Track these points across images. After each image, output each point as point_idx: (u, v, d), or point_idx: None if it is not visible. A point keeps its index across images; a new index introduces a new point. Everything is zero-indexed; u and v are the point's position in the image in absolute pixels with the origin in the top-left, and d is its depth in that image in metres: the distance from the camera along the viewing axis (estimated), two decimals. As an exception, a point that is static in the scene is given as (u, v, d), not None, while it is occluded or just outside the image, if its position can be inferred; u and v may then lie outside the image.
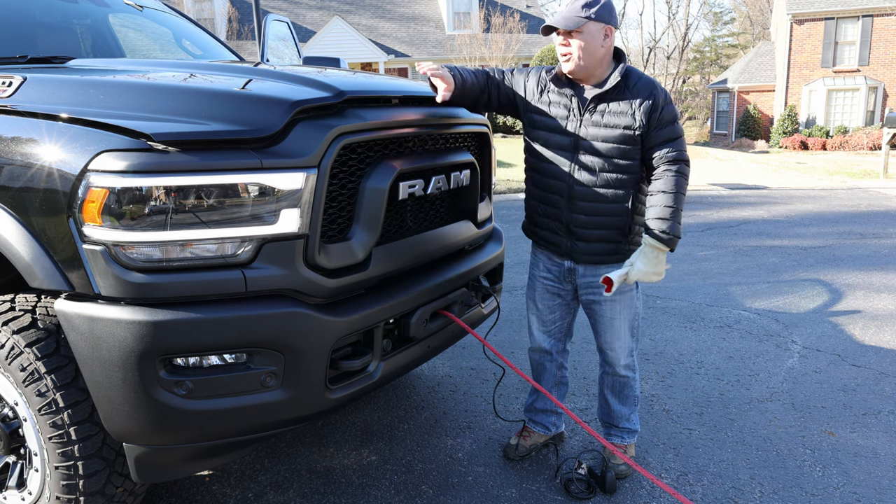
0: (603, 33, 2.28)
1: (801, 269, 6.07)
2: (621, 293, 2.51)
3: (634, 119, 2.30)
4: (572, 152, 2.40)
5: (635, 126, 2.30)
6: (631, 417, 2.72)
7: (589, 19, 2.24)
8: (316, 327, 1.94)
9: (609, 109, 2.33)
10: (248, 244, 1.85)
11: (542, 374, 2.79)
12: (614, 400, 2.69)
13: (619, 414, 2.70)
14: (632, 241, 2.47)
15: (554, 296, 2.65)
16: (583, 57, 2.29)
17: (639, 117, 2.29)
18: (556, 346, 2.74)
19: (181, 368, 1.85)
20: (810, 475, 2.69)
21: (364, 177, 2.11)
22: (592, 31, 2.26)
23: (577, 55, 2.29)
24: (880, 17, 23.66)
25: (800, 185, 13.08)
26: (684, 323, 4.56)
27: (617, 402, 2.69)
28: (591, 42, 2.27)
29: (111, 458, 1.99)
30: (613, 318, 2.55)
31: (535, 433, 2.82)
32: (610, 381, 2.68)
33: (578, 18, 2.24)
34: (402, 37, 26.48)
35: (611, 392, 2.69)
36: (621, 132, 2.32)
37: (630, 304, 2.55)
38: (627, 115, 2.31)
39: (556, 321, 2.70)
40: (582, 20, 2.24)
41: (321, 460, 2.83)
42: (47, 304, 2.00)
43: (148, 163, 1.74)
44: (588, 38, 2.26)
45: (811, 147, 23.63)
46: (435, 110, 2.48)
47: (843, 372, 3.70)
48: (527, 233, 2.70)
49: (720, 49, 49.01)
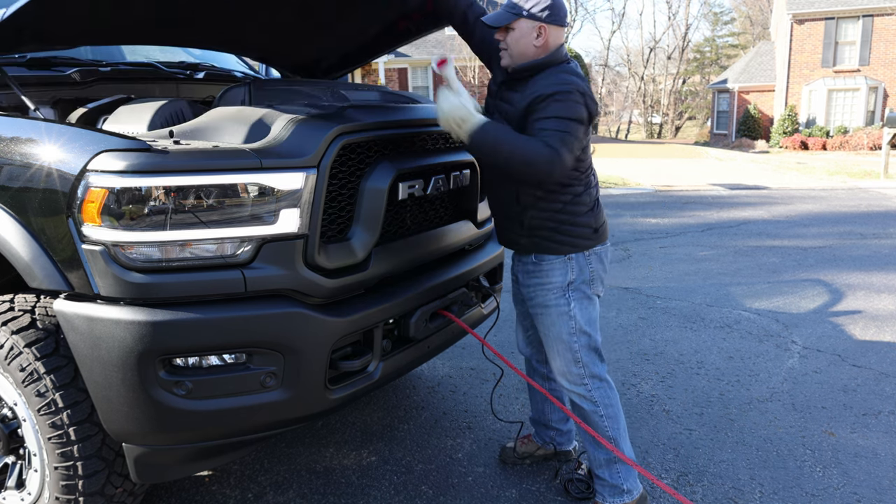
0: (536, 31, 2.18)
1: (802, 270, 6.07)
2: (545, 307, 2.30)
3: (512, 108, 2.19)
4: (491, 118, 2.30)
5: (511, 115, 2.19)
6: (610, 466, 2.34)
7: (519, 16, 2.17)
8: (316, 327, 1.93)
9: (505, 97, 2.26)
10: (248, 244, 1.85)
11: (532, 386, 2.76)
12: (585, 436, 2.39)
13: (593, 458, 2.38)
14: (534, 235, 2.27)
15: (522, 301, 2.56)
16: (514, 54, 2.22)
17: (517, 108, 2.18)
18: (535, 356, 2.66)
19: (181, 369, 1.84)
20: (810, 475, 2.69)
21: (364, 177, 2.11)
22: (525, 28, 2.18)
23: (509, 51, 2.22)
24: (880, 17, 23.66)
25: (800, 185, 13.08)
26: (684, 323, 4.56)
27: (588, 438, 2.37)
28: (522, 40, 2.19)
29: (110, 458, 1.99)
30: (545, 334, 2.35)
31: (532, 442, 2.79)
32: (576, 409, 2.41)
33: (509, 14, 2.18)
34: (402, 37, 26.44)
35: (580, 416, 2.39)
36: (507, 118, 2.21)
37: (556, 320, 2.29)
38: (510, 104, 2.22)
39: (529, 328, 2.63)
40: (512, 16, 2.18)
41: (321, 461, 2.82)
42: (46, 304, 2.00)
43: (147, 163, 1.73)
44: (519, 35, 2.18)
45: (811, 147, 23.64)
46: (434, 110, 2.47)
47: (844, 372, 3.70)
48: None
49: (720, 49, 49.04)
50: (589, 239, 2.29)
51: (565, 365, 2.34)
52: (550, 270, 2.29)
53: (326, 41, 3.17)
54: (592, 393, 2.34)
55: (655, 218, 9.10)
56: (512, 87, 2.25)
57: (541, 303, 2.33)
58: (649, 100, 49.46)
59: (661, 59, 48.93)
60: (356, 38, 3.15)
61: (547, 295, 2.30)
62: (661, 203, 10.59)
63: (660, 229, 8.22)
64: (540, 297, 2.32)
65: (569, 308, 2.29)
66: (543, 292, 2.31)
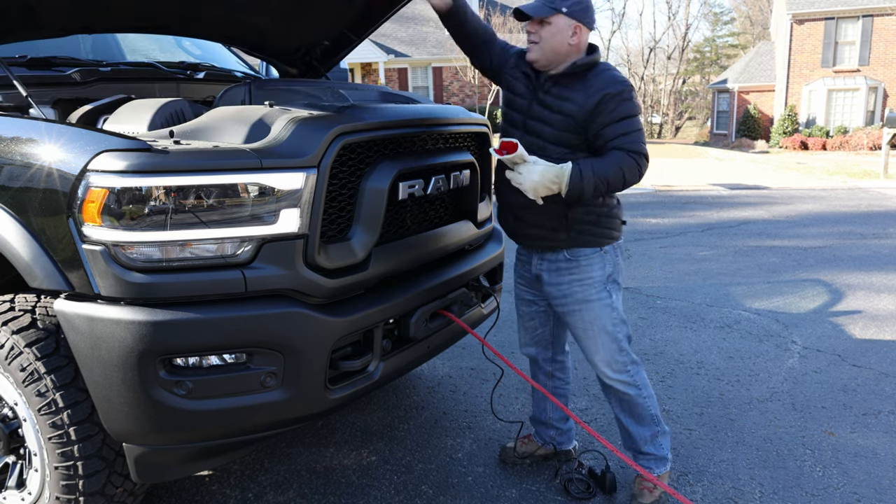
0: (572, 30, 2.20)
1: (802, 270, 6.07)
2: (587, 301, 2.35)
3: (577, 107, 2.20)
4: (521, 131, 2.33)
5: (576, 114, 2.20)
6: (655, 440, 2.49)
7: (559, 12, 2.17)
8: (316, 327, 1.93)
9: (559, 94, 2.25)
10: (248, 244, 1.85)
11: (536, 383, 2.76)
12: (629, 420, 2.50)
13: (638, 437, 2.49)
14: (572, 230, 2.31)
15: (530, 302, 2.59)
16: (546, 49, 2.22)
17: (583, 107, 2.19)
18: (542, 354, 2.67)
19: (181, 368, 1.84)
20: (810, 475, 2.69)
21: (364, 177, 2.11)
22: (561, 25, 2.18)
23: (541, 45, 2.22)
24: (880, 17, 23.66)
25: (800, 185, 13.08)
26: (684, 323, 4.56)
27: (632, 422, 2.49)
28: (558, 35, 2.20)
29: (111, 458, 1.99)
30: (586, 330, 2.39)
31: (532, 441, 2.79)
32: (616, 399, 2.50)
33: (548, 8, 2.18)
34: (402, 37, 26.46)
35: (622, 411, 2.50)
36: (562, 118, 2.23)
37: (601, 313, 2.36)
38: (571, 103, 2.21)
39: (537, 328, 2.63)
40: (551, 10, 2.17)
41: (321, 460, 2.83)
42: (47, 304, 2.00)
43: (147, 163, 1.73)
44: (555, 30, 2.19)
45: (811, 147, 23.63)
46: (435, 110, 2.48)
47: (844, 372, 3.70)
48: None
49: (720, 49, 49.03)
50: (619, 231, 2.40)
51: (610, 355, 2.40)
52: (588, 265, 2.34)
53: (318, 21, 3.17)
54: (635, 378, 2.44)
55: (655, 218, 9.10)
56: (566, 85, 2.25)
57: (581, 298, 2.36)
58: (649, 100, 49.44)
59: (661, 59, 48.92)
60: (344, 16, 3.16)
61: (588, 290, 2.35)
62: (661, 203, 10.59)
63: (660, 229, 8.22)
64: (579, 293, 2.36)
65: (611, 300, 2.37)
66: (583, 287, 2.35)
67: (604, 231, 2.34)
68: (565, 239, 2.34)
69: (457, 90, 26.41)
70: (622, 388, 2.44)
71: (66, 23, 2.58)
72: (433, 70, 26.27)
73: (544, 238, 2.38)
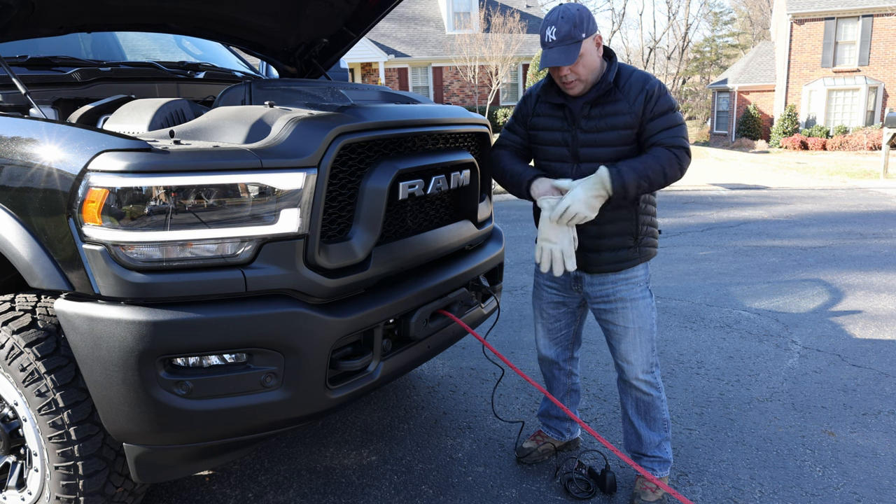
0: (595, 44, 2.24)
1: (802, 270, 6.07)
2: (632, 300, 2.41)
3: (629, 116, 2.25)
4: (572, 162, 2.35)
5: (631, 123, 2.26)
6: (662, 445, 2.54)
7: (582, 41, 2.19)
8: (316, 327, 1.94)
9: (603, 112, 2.28)
10: (248, 244, 1.85)
11: (553, 384, 2.77)
12: (641, 423, 2.53)
13: (648, 441, 2.53)
14: (641, 244, 2.40)
15: (559, 304, 2.60)
16: (586, 78, 2.25)
17: (634, 113, 2.24)
18: (562, 355, 2.70)
19: (181, 368, 1.84)
20: (810, 475, 2.69)
21: (364, 177, 2.11)
22: (589, 48, 2.21)
23: (582, 77, 2.25)
24: (880, 17, 23.65)
25: (800, 185, 13.08)
26: (684, 323, 4.56)
27: (644, 425, 2.52)
28: (590, 57, 2.23)
29: (111, 458, 1.99)
30: (627, 328, 2.43)
31: (550, 438, 2.82)
32: (633, 401, 2.52)
33: (575, 47, 2.17)
34: (402, 37, 26.45)
35: (636, 413, 2.53)
36: (618, 133, 2.27)
37: (644, 311, 2.43)
38: (622, 115, 2.26)
39: (562, 329, 2.65)
40: (578, 46, 2.18)
41: (321, 460, 2.83)
42: (47, 304, 2.01)
43: (148, 163, 1.73)
44: (587, 58, 2.22)
45: (811, 147, 23.62)
46: (435, 110, 2.48)
47: (843, 372, 3.70)
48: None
49: (720, 49, 49.02)
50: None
51: (645, 355, 2.46)
52: (633, 265, 2.42)
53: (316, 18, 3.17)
54: (657, 379, 2.52)
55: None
56: (606, 102, 2.28)
57: (625, 297, 2.42)
58: (649, 100, 49.37)
59: (661, 59, 48.94)
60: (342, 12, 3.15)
61: (633, 289, 2.42)
62: (660, 203, 10.55)
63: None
64: (624, 292, 2.42)
65: (652, 300, 2.48)
66: (629, 286, 2.42)
67: (654, 241, 2.47)
68: (633, 255, 2.40)
69: (457, 90, 26.39)
70: (646, 389, 2.49)
71: (65, 20, 2.58)
72: (433, 70, 26.24)
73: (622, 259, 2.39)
